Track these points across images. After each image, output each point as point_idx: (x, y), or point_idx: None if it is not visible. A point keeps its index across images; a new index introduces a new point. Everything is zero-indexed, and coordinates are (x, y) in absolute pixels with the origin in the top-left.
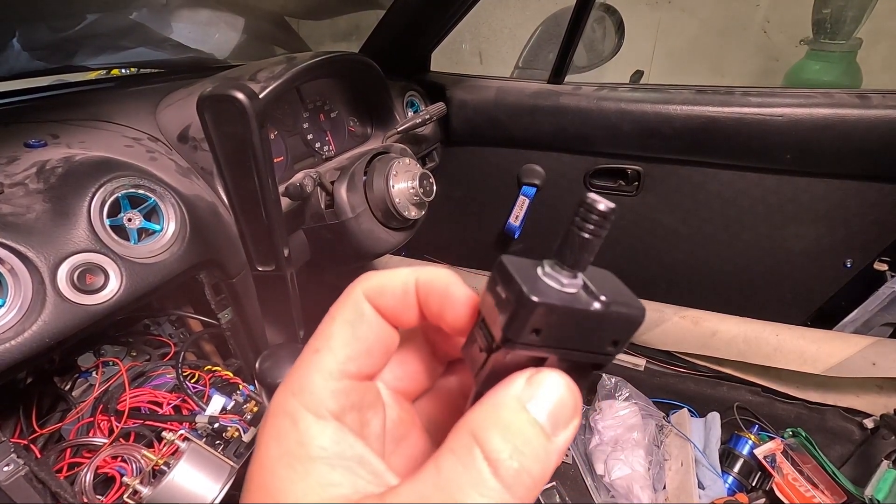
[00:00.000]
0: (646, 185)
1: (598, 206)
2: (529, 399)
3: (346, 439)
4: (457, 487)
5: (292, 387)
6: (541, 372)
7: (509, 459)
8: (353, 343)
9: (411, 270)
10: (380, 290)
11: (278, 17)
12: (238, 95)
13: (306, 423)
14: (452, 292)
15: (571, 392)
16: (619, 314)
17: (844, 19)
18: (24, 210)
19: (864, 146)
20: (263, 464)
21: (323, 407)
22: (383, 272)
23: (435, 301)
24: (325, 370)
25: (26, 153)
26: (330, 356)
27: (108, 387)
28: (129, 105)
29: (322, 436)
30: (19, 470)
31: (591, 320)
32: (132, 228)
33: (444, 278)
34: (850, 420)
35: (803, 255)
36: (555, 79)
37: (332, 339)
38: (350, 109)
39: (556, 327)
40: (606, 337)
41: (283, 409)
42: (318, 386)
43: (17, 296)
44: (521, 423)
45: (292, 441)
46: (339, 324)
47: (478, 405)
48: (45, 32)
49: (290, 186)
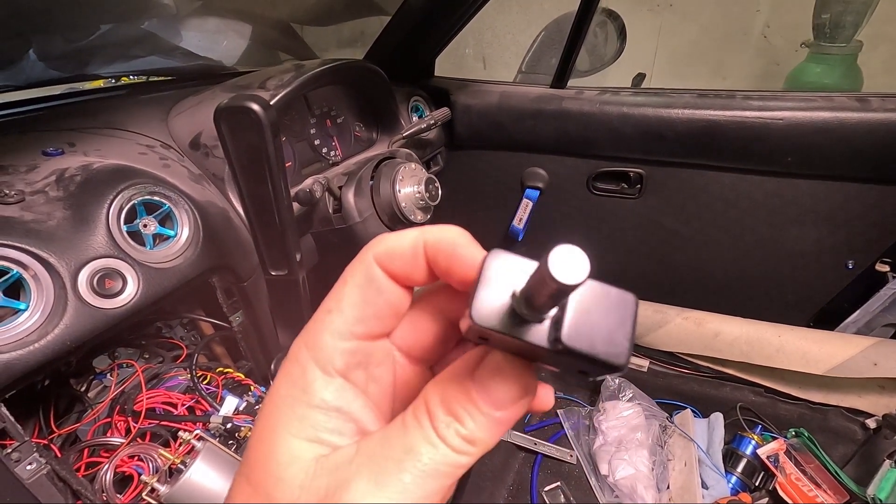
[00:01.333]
0: (648, 188)
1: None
2: (483, 378)
3: (346, 396)
4: (412, 437)
5: (307, 340)
6: (494, 355)
7: (453, 437)
8: (363, 305)
9: (420, 231)
10: (389, 254)
11: (284, 24)
12: (254, 107)
13: (313, 376)
14: (460, 251)
15: (526, 380)
16: (583, 354)
17: (844, 23)
18: (46, 217)
19: (865, 149)
20: (273, 398)
21: (330, 364)
22: (393, 234)
23: (443, 259)
24: (334, 330)
25: (45, 161)
26: (340, 317)
27: (123, 388)
28: (142, 113)
29: (325, 390)
30: (42, 468)
31: (544, 351)
32: (148, 234)
33: (452, 237)
34: (853, 420)
35: (805, 257)
36: (557, 83)
37: (343, 300)
38: (356, 115)
39: (507, 344)
40: (571, 364)
41: (297, 357)
42: (328, 344)
43: (40, 300)
44: (470, 403)
45: (299, 387)
46: (350, 287)
47: (441, 374)
48: (60, 43)
49: (300, 192)
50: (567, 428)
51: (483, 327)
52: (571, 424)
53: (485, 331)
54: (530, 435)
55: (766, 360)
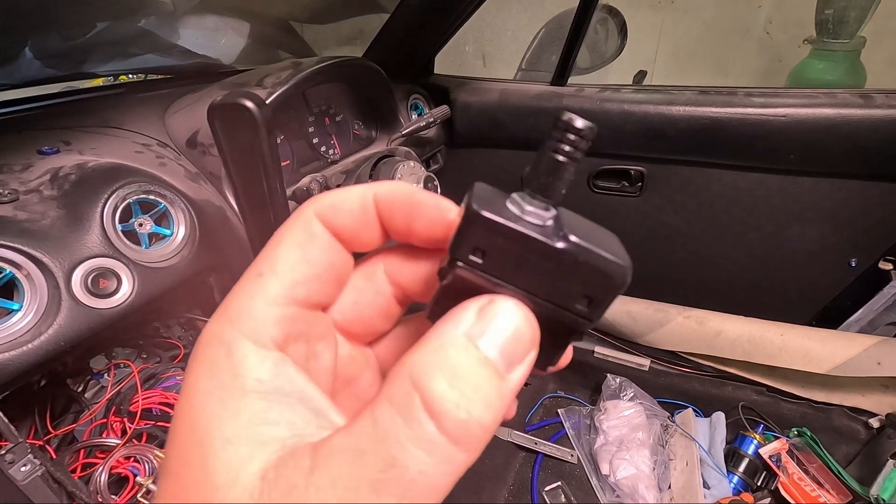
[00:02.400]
0: (649, 186)
1: (575, 123)
2: (480, 334)
3: (287, 372)
4: (395, 442)
5: (229, 313)
6: (494, 301)
7: (456, 409)
8: (302, 266)
9: (367, 186)
10: (333, 209)
11: (283, 21)
12: (248, 104)
13: (243, 353)
14: (418, 199)
15: (529, 322)
16: (590, 260)
17: (847, 19)
18: (40, 216)
19: (868, 146)
20: (191, 400)
21: (265, 334)
22: (337, 189)
23: (400, 213)
24: (268, 295)
25: (40, 160)
26: (275, 279)
27: (120, 388)
28: (139, 111)
29: (260, 367)
30: (36, 470)
31: (549, 258)
32: (143, 233)
33: (406, 188)
34: (856, 419)
35: (808, 255)
36: (558, 81)
37: (278, 262)
38: (355, 113)
39: (506, 254)
40: (575, 288)
41: (218, 337)
42: (260, 311)
43: (34, 300)
44: (471, 363)
45: (225, 373)
46: (286, 245)
47: (420, 343)
48: (57, 41)
49: (297, 191)
50: (568, 427)
51: (489, 217)
52: (572, 424)
53: (483, 234)
54: (531, 434)
55: (768, 359)
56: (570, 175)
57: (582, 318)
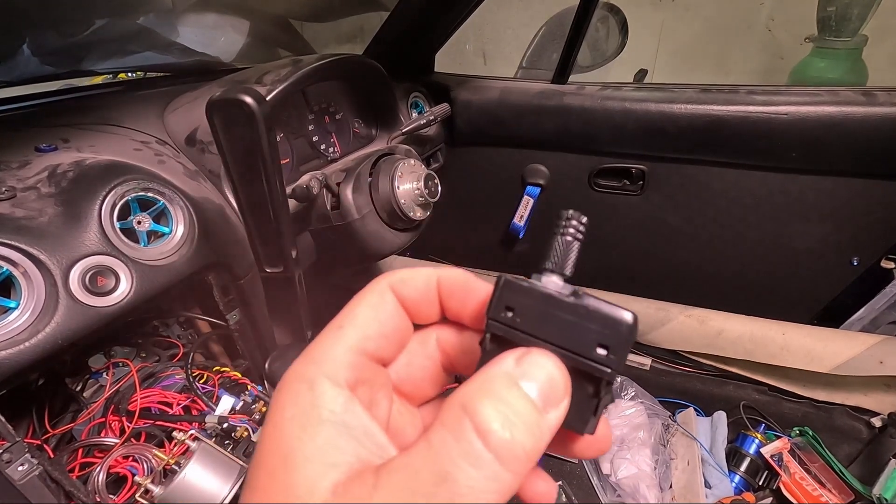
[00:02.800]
0: (650, 185)
1: (576, 215)
2: (521, 376)
3: (354, 409)
4: (448, 459)
5: (314, 356)
6: (530, 352)
7: (501, 430)
8: (374, 324)
9: (433, 269)
10: (403, 283)
11: (283, 19)
12: (246, 100)
13: (322, 388)
14: (473, 286)
15: (561, 372)
16: (600, 311)
17: (850, 16)
18: (37, 214)
19: (870, 144)
20: (277, 424)
21: (340, 375)
22: (408, 270)
23: (457, 296)
24: (346, 343)
25: (37, 157)
26: (352, 331)
27: (118, 387)
28: (138, 109)
29: (334, 401)
30: (34, 469)
31: (566, 311)
32: (142, 231)
33: (464, 275)
34: (858, 419)
35: (809, 254)
36: (558, 79)
37: (357, 317)
38: (355, 111)
39: (531, 311)
40: (591, 337)
41: (302, 375)
42: (339, 356)
43: (31, 298)
44: (513, 395)
45: (306, 403)
46: (364, 306)
47: (469, 380)
48: (55, 38)
49: (297, 188)
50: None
51: (514, 281)
52: None
53: (510, 294)
54: None
55: (769, 358)
56: (577, 252)
57: (601, 365)
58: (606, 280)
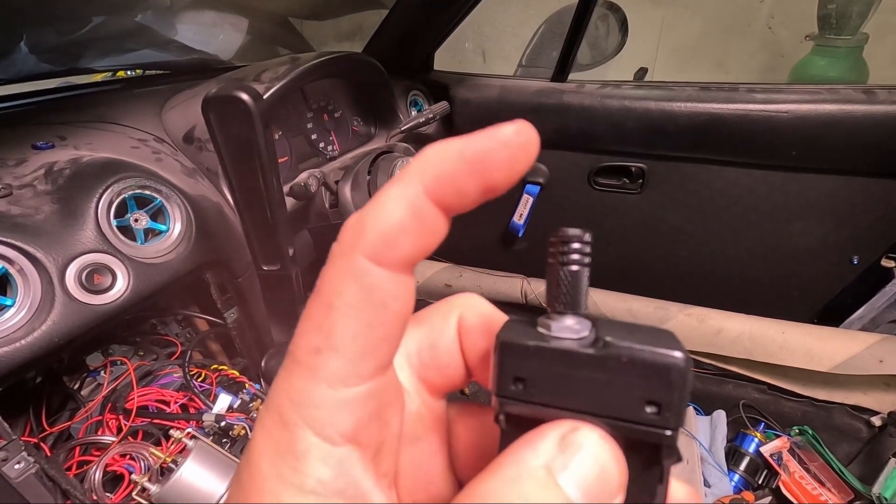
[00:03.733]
0: (650, 183)
1: (576, 234)
2: (562, 468)
3: (352, 472)
4: None
5: (290, 393)
6: (578, 430)
7: None
8: (365, 335)
9: (407, 184)
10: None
11: (282, 17)
12: (242, 96)
13: (306, 445)
14: (472, 149)
15: (616, 459)
16: (637, 358)
17: (850, 14)
18: (33, 211)
19: (871, 142)
20: (251, 472)
21: (331, 426)
22: (374, 205)
23: (468, 177)
24: (331, 377)
25: (34, 155)
26: (335, 358)
27: (116, 386)
28: (135, 107)
29: (323, 466)
30: (30, 468)
31: (595, 367)
32: (139, 229)
33: (447, 149)
34: (857, 418)
35: (809, 252)
36: (558, 77)
37: (335, 332)
38: (354, 109)
39: (551, 378)
40: (633, 395)
41: (281, 417)
42: (326, 399)
43: (27, 296)
44: (549, 502)
45: (286, 464)
46: (342, 311)
47: (493, 468)
48: (52, 35)
49: (295, 186)
50: None
51: (515, 342)
52: None
53: (517, 362)
54: None
55: (769, 357)
56: (587, 281)
57: (656, 428)
58: (605, 279)
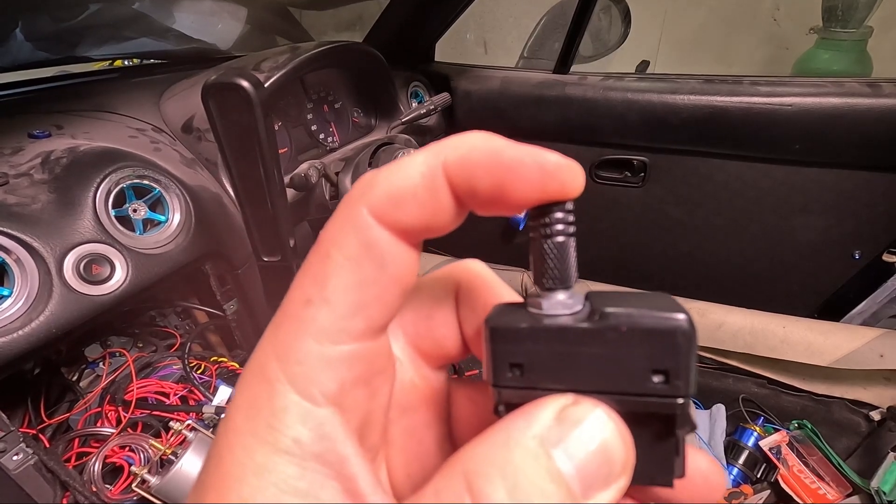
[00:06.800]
0: (652, 177)
1: (563, 206)
2: (557, 441)
3: (332, 436)
4: None
5: (276, 345)
6: (580, 403)
7: None
8: (360, 289)
9: (432, 154)
10: (395, 200)
11: (281, 7)
12: (243, 83)
13: (284, 402)
14: (509, 159)
15: (622, 439)
16: (638, 326)
17: (855, 7)
18: (30, 200)
19: (875, 136)
20: (227, 433)
21: (314, 384)
22: (390, 169)
23: (486, 175)
24: (319, 330)
25: (31, 143)
26: (326, 310)
27: (115, 377)
28: (133, 96)
29: (301, 426)
30: (29, 459)
31: (593, 341)
32: (137, 219)
33: (488, 145)
34: (857, 412)
35: (811, 247)
36: (560, 69)
37: (329, 284)
38: (354, 100)
39: (548, 358)
40: (638, 366)
41: (262, 372)
42: (310, 353)
43: (24, 286)
44: (539, 474)
45: (262, 421)
46: (338, 262)
47: (484, 436)
48: (48, 23)
49: (295, 177)
50: None
51: (506, 327)
52: None
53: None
54: None
55: (769, 352)
56: (574, 252)
57: (665, 398)
58: (606, 272)
